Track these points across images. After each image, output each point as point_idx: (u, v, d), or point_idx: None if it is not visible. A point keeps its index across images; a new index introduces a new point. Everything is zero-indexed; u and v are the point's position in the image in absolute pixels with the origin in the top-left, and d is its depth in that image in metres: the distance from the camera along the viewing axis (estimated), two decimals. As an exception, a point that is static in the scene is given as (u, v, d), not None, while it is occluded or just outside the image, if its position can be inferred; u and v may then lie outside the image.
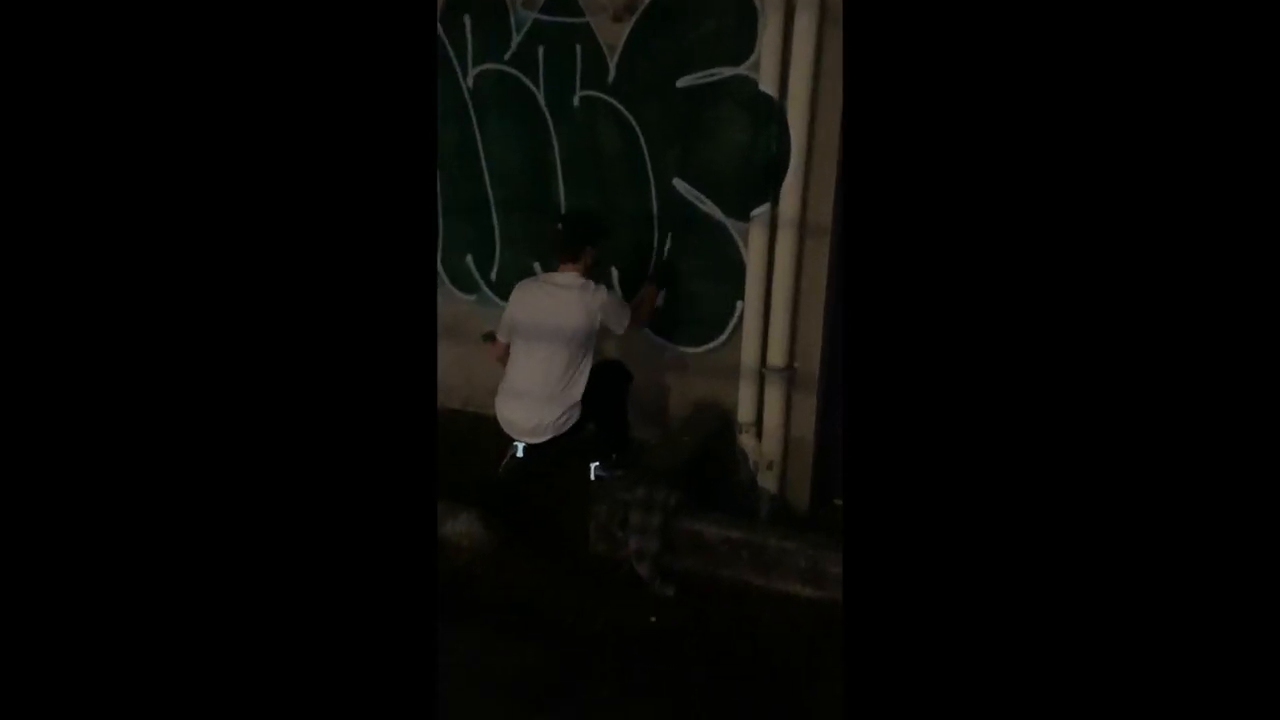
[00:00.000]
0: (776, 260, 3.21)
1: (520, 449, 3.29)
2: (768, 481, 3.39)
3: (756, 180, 3.18)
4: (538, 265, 3.73)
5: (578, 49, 3.43)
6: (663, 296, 3.42)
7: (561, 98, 3.52)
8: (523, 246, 3.76)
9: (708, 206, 3.38)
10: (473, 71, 3.64)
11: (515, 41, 3.54)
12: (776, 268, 3.21)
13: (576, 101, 3.50)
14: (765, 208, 3.18)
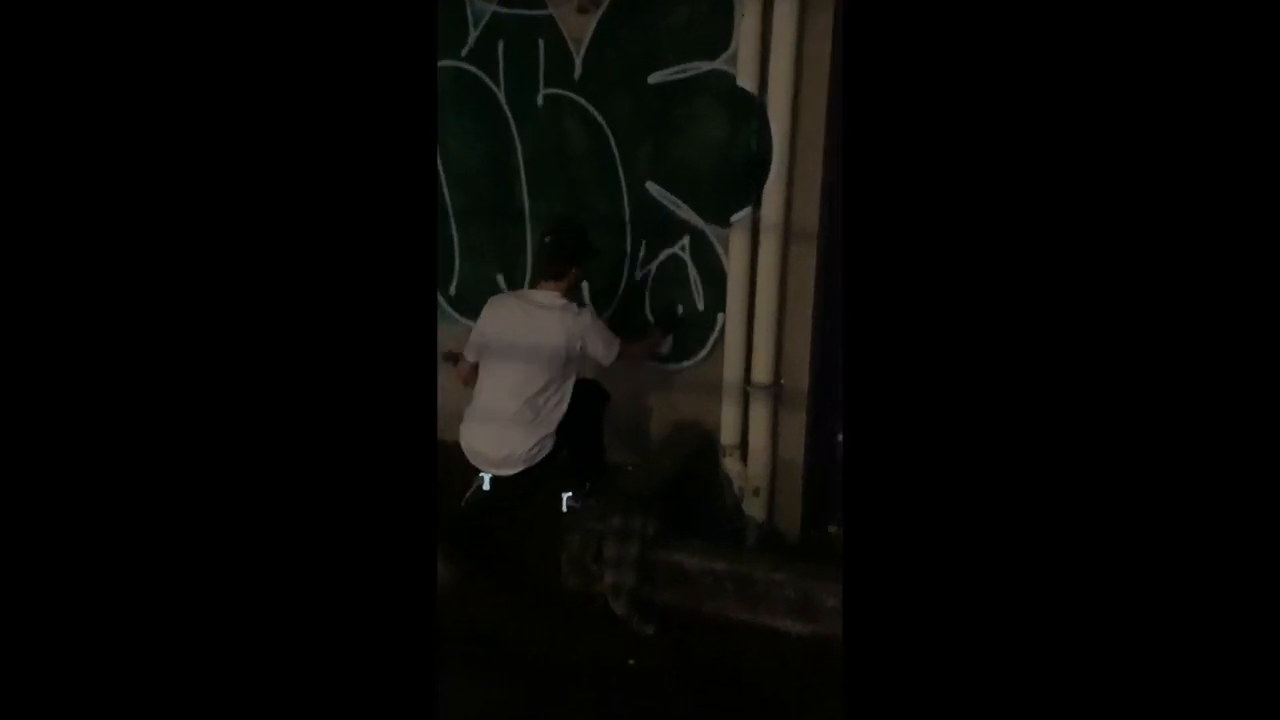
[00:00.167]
0: (760, 268, 3.14)
1: (486, 481, 3.19)
2: (754, 508, 3.32)
3: (736, 182, 3.13)
4: (501, 278, 3.68)
5: (540, 43, 3.36)
6: (668, 344, 3.38)
7: (524, 96, 3.46)
8: (484, 257, 3.69)
9: (684, 212, 3.33)
10: (427, 68, 3.52)
11: (473, 36, 3.47)
12: (760, 276, 3.15)
13: (540, 100, 3.44)
14: (746, 212, 3.13)
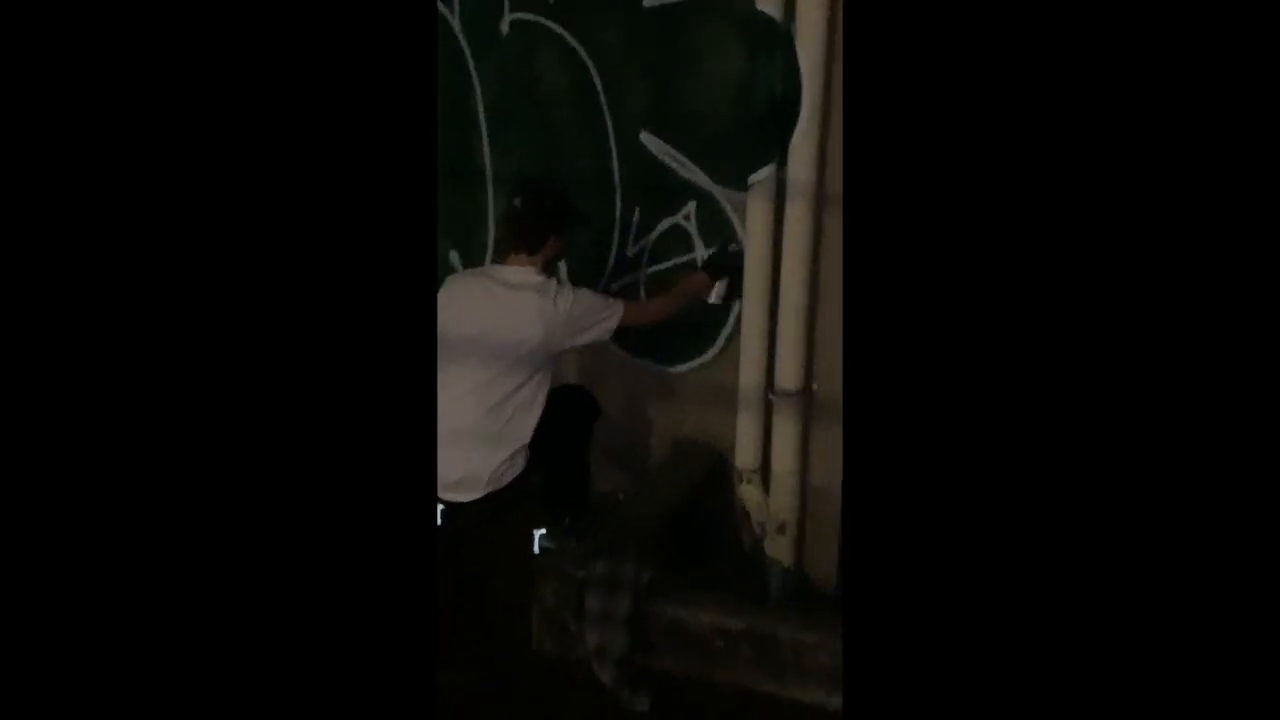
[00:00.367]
0: (785, 243, 2.83)
1: (437, 511, 2.94)
2: (778, 549, 3.03)
3: (756, 133, 2.84)
4: (455, 255, 3.39)
5: None
6: (720, 290, 2.93)
7: (484, 23, 3.15)
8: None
9: (689, 170, 2.99)
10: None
11: None
12: (785, 253, 2.84)
13: (505, 27, 3.13)
14: (768, 171, 2.81)
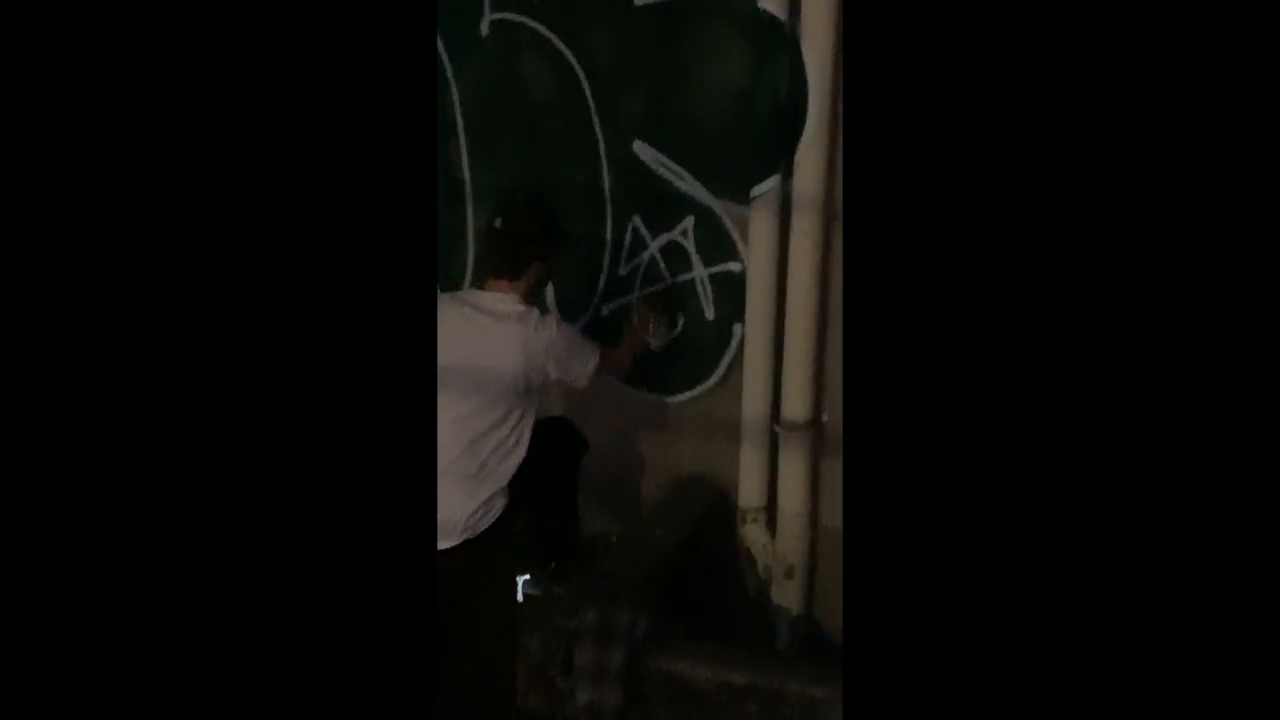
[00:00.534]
0: (791, 260, 2.74)
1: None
2: (785, 595, 2.92)
3: (759, 142, 2.76)
4: None
5: None
6: (661, 330, 2.93)
7: (463, 23, 3.04)
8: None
9: (687, 183, 2.89)
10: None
11: None
12: (791, 272, 2.75)
13: (485, 28, 3.03)
14: (772, 183, 2.72)
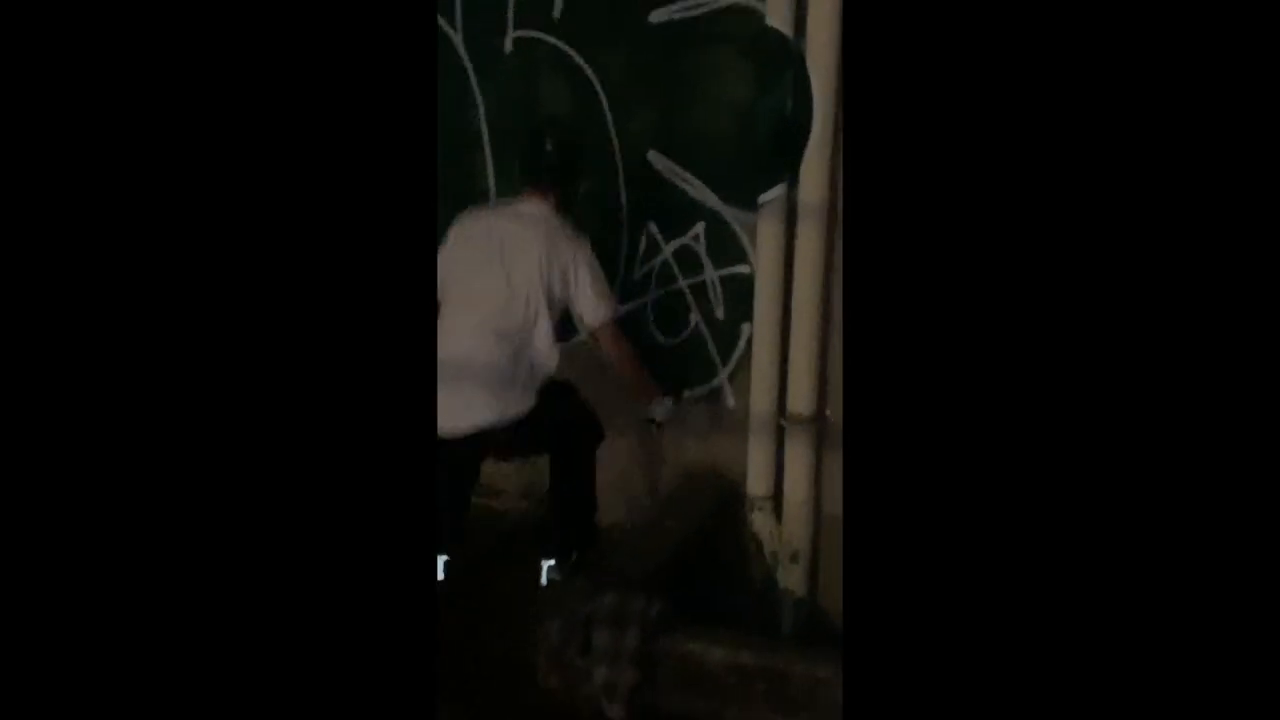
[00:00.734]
0: (797, 264, 2.83)
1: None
2: (791, 580, 2.99)
3: (766, 152, 2.85)
4: None
5: None
6: (663, 406, 2.88)
7: (487, 40, 3.16)
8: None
9: (698, 190, 3.00)
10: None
11: None
12: (797, 274, 2.83)
13: (509, 45, 3.14)
14: (779, 191, 2.82)
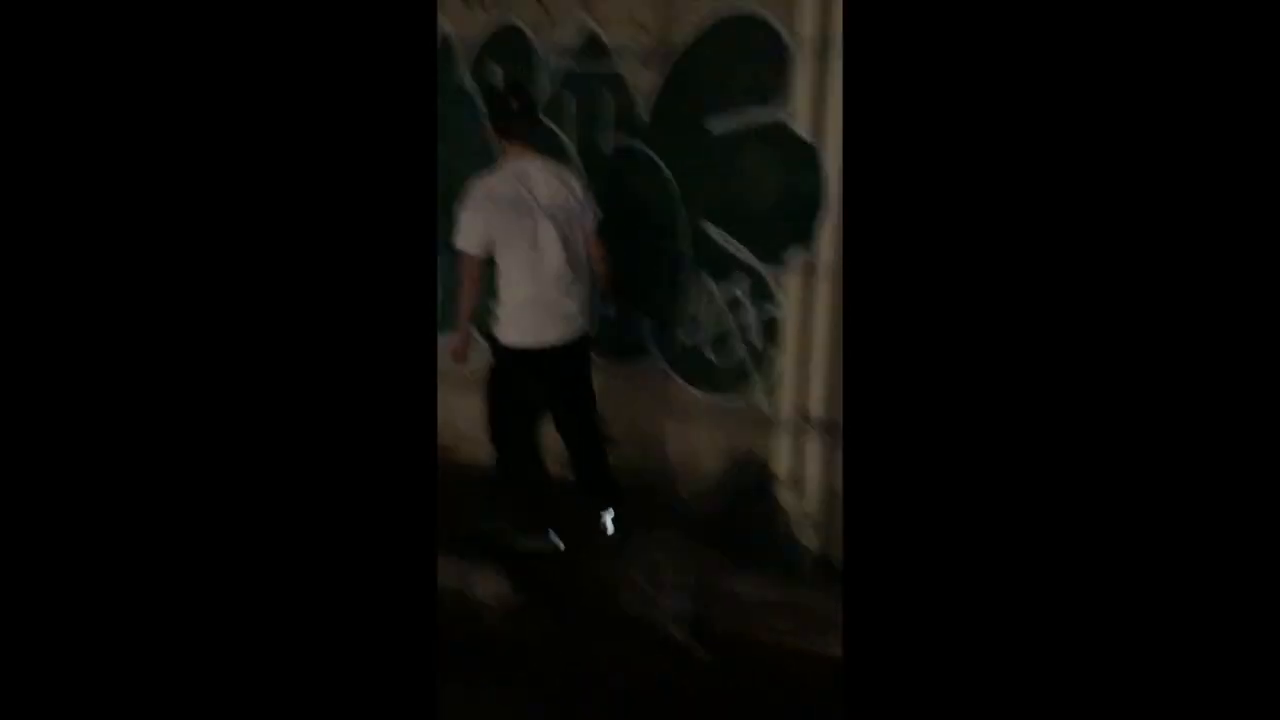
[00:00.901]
0: (815, 306, 3.17)
1: (608, 521, 3.16)
2: (809, 537, 3.27)
3: (791, 223, 3.16)
4: None
5: (609, 96, 3.45)
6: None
7: (596, 145, 3.54)
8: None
9: (741, 252, 3.35)
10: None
11: (547, 92, 3.60)
12: (815, 313, 3.17)
13: (609, 149, 3.53)
14: (800, 252, 3.16)
